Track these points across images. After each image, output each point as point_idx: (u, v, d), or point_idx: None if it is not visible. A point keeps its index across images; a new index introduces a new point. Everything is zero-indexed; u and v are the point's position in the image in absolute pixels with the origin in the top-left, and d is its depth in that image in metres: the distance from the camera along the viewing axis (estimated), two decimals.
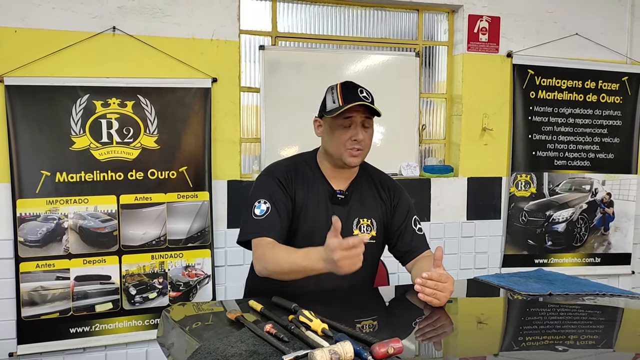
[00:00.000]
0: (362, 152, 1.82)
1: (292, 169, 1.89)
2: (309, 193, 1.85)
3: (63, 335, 2.95)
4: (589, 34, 3.80)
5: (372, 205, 1.93)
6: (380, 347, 1.15)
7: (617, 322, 1.75)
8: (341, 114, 1.76)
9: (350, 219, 1.87)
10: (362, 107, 1.78)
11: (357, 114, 1.79)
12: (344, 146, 1.80)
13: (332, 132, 1.82)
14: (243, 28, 3.31)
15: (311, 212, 1.84)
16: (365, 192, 1.93)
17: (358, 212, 1.89)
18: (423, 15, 3.71)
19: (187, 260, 3.14)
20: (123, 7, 3.00)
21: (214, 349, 1.25)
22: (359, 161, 1.84)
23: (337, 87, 1.82)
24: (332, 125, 1.82)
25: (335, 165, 1.88)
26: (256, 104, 3.40)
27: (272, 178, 1.85)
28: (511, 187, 3.73)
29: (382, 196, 1.96)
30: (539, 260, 3.80)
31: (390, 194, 1.97)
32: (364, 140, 1.80)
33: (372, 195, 1.95)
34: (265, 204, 1.78)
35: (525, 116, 3.72)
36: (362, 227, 1.88)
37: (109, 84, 2.96)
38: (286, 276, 1.69)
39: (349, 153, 1.80)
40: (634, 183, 3.95)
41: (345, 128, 1.79)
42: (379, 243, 1.95)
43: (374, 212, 1.92)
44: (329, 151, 1.86)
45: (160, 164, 3.07)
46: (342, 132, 1.79)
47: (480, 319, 1.73)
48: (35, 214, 2.88)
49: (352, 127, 1.79)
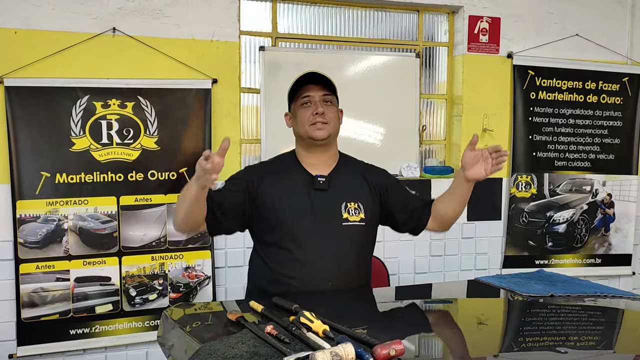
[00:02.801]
0: (327, 125, 1.90)
1: (268, 167, 2.02)
2: (286, 183, 1.92)
3: (63, 337, 2.94)
4: (589, 35, 3.80)
5: (358, 188, 1.97)
6: (382, 349, 1.15)
7: (618, 323, 1.75)
8: (299, 95, 1.90)
9: (337, 202, 1.91)
10: (319, 85, 1.90)
11: (315, 93, 1.90)
12: (308, 122, 1.89)
13: (296, 115, 1.94)
14: (243, 29, 3.31)
15: (289, 200, 1.89)
16: (349, 176, 1.99)
17: (344, 196, 1.92)
18: (423, 16, 3.71)
19: (187, 261, 3.14)
20: (123, 8, 3.00)
21: (214, 350, 1.24)
22: (325, 134, 1.90)
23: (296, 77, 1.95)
24: (296, 108, 1.94)
25: (308, 147, 1.95)
26: (256, 104, 3.39)
27: (244, 171, 2.03)
28: (511, 188, 3.73)
29: (368, 180, 2.00)
30: (540, 261, 3.80)
31: (375, 176, 2.03)
32: (326, 113, 1.89)
33: (357, 180, 2.00)
34: (223, 184, 1.94)
35: (526, 117, 3.72)
36: (350, 210, 1.91)
37: (109, 85, 2.96)
38: (182, 215, 1.80)
39: (314, 127, 1.88)
40: (634, 184, 3.95)
41: (306, 107, 1.91)
42: (368, 227, 1.96)
43: (361, 196, 1.96)
44: (299, 134, 1.96)
45: (161, 165, 3.06)
46: (304, 111, 1.91)
47: (481, 320, 1.72)
48: (35, 215, 2.88)
49: (312, 104, 1.90)
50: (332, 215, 1.88)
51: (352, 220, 1.89)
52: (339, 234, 1.87)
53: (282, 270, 1.85)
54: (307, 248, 1.84)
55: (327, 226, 1.86)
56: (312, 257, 1.84)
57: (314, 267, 1.83)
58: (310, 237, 1.85)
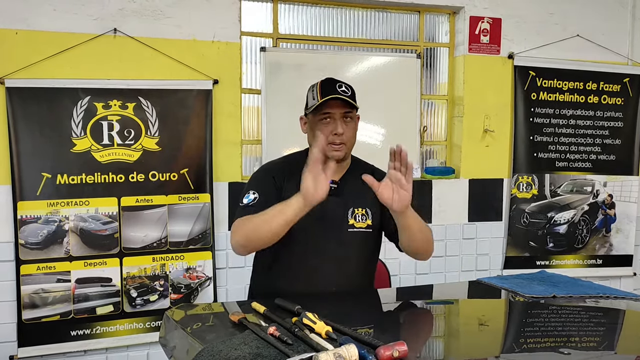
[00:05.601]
0: (344, 145, 1.86)
1: (286, 166, 1.94)
2: (298, 186, 1.86)
3: (64, 338, 2.94)
4: (590, 36, 3.80)
5: (366, 195, 1.93)
6: (386, 350, 1.15)
7: (619, 324, 1.75)
8: (320, 110, 1.81)
9: (346, 208, 1.90)
10: (342, 102, 1.82)
11: (336, 110, 1.82)
12: (326, 141, 1.83)
13: (314, 129, 1.87)
14: (244, 30, 3.31)
15: None
16: (359, 182, 1.95)
17: (353, 202, 1.91)
18: (424, 17, 3.71)
19: (188, 262, 3.13)
20: (124, 9, 2.99)
21: (217, 351, 1.24)
22: (342, 154, 1.87)
23: (318, 84, 1.87)
24: (314, 121, 1.87)
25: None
26: (257, 105, 3.39)
27: (264, 173, 1.93)
28: (512, 189, 3.73)
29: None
30: (541, 262, 3.80)
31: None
32: (344, 133, 1.84)
33: (367, 186, 1.96)
34: (254, 194, 1.83)
35: (527, 118, 3.72)
36: (357, 217, 1.90)
37: (110, 86, 2.96)
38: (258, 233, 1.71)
39: (331, 147, 1.83)
40: (635, 184, 3.94)
41: (325, 123, 1.84)
42: (374, 233, 1.95)
43: (369, 202, 1.93)
44: (314, 147, 1.88)
45: (162, 165, 3.06)
46: (323, 128, 1.84)
47: (483, 321, 1.72)
48: (36, 216, 2.87)
49: (332, 122, 1.83)
50: (338, 221, 1.87)
51: (358, 227, 1.88)
52: (344, 239, 1.86)
53: (287, 274, 1.84)
54: (312, 253, 1.84)
55: (333, 232, 1.85)
56: (316, 263, 1.83)
57: (318, 272, 1.83)
58: (315, 242, 1.84)
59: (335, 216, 1.87)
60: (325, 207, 1.84)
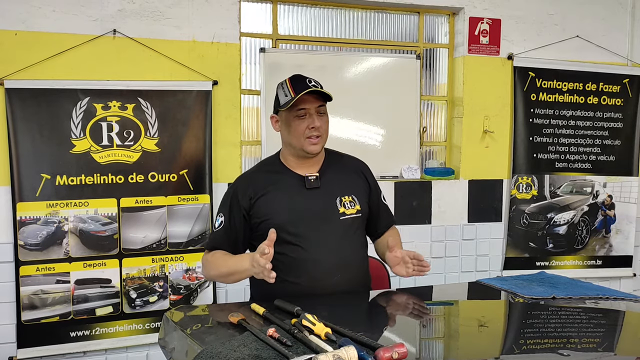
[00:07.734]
0: (321, 138, 1.91)
1: (254, 176, 1.99)
2: (277, 190, 1.92)
3: (63, 339, 2.94)
4: (589, 36, 3.80)
5: (349, 182, 2.00)
6: (385, 352, 1.15)
7: (619, 325, 1.74)
8: (295, 105, 1.84)
9: (331, 199, 1.92)
10: (314, 95, 1.86)
11: (310, 104, 1.87)
12: (303, 135, 1.88)
13: (289, 125, 1.90)
14: (244, 31, 3.31)
15: (284, 205, 1.89)
16: (338, 172, 2.01)
17: (337, 191, 1.95)
18: (424, 18, 3.71)
19: (187, 263, 3.13)
20: (123, 10, 2.99)
21: (216, 353, 1.24)
22: (319, 148, 1.92)
23: (287, 81, 1.91)
24: (289, 118, 1.90)
25: (298, 156, 1.95)
26: (257, 106, 3.39)
27: (232, 191, 1.97)
28: (512, 190, 3.73)
29: (356, 172, 2.04)
30: (540, 263, 3.80)
31: (360, 168, 2.07)
32: (321, 126, 1.89)
33: (346, 173, 2.03)
34: (221, 217, 1.94)
35: (526, 118, 3.72)
36: (346, 204, 1.93)
37: (110, 87, 2.96)
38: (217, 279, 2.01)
39: (309, 142, 1.88)
40: (635, 185, 3.94)
41: (301, 118, 1.88)
42: (364, 216, 2.00)
43: (354, 188, 1.99)
44: (290, 144, 1.93)
45: (161, 166, 3.06)
46: (299, 123, 1.88)
47: (482, 322, 1.72)
48: (36, 217, 2.87)
49: (308, 117, 1.88)
50: (330, 212, 1.90)
51: (349, 213, 1.92)
52: (339, 228, 1.90)
53: (288, 272, 1.84)
54: (310, 248, 1.85)
55: (326, 223, 1.88)
56: (316, 256, 1.85)
57: (319, 265, 1.84)
58: (311, 237, 1.86)
59: (326, 208, 1.90)
60: (313, 201, 1.87)
